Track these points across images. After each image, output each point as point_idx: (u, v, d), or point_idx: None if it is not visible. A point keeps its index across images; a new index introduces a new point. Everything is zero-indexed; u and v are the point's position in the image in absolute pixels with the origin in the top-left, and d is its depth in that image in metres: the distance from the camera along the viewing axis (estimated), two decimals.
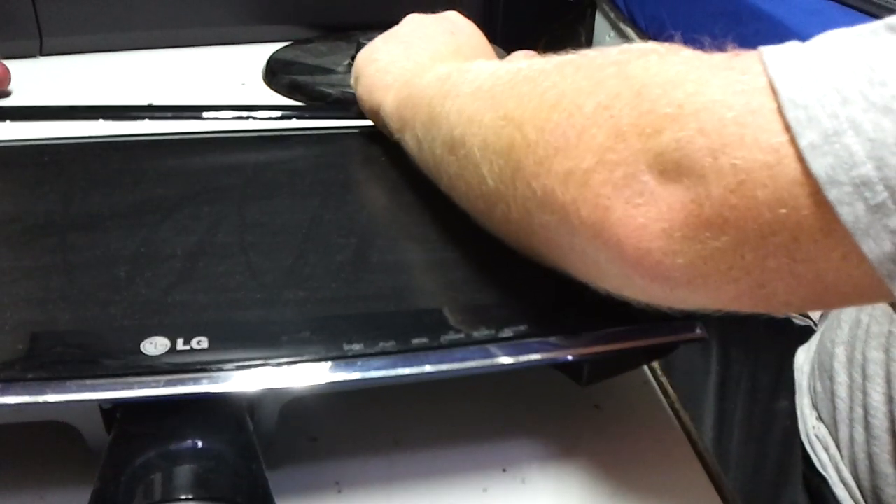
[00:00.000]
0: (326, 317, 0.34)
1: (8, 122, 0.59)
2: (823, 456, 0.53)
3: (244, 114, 0.61)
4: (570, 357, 0.34)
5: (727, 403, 0.60)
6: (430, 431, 0.39)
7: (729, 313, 0.29)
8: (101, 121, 0.58)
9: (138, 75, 0.72)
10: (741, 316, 0.29)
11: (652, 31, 1.54)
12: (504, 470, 0.37)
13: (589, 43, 1.82)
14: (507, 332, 0.33)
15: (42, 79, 0.69)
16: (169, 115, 0.60)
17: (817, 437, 0.54)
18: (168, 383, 0.30)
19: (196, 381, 0.30)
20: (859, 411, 0.49)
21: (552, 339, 0.34)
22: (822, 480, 0.52)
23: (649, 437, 0.39)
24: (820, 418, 0.54)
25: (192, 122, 0.60)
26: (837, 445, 0.52)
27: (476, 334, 0.33)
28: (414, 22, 0.50)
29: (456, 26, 0.49)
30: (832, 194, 0.23)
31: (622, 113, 0.27)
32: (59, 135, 0.49)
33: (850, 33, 0.25)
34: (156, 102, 0.63)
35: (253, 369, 0.31)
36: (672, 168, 0.26)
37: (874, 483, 0.48)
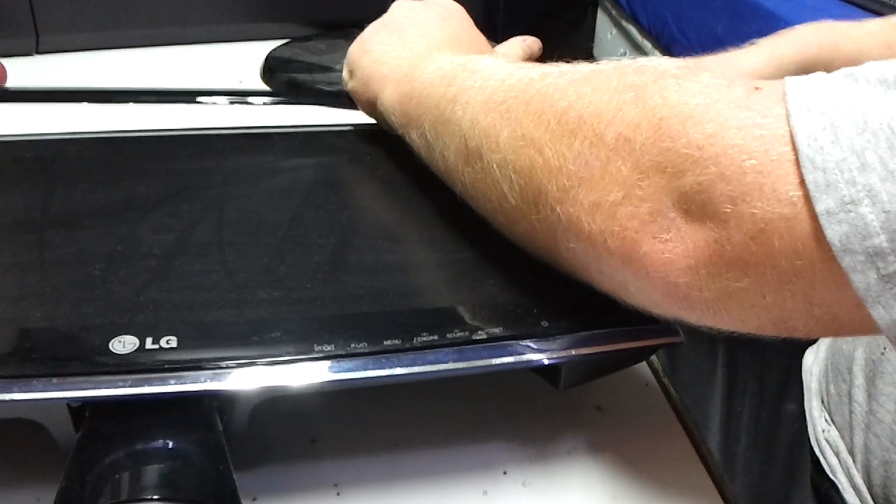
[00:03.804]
0: (299, 317, 0.34)
1: None
2: (833, 460, 0.52)
3: (232, 98, 0.60)
4: (545, 360, 0.33)
5: (734, 406, 0.59)
6: (429, 433, 0.38)
7: None
8: (84, 104, 0.57)
9: (135, 73, 0.72)
10: None
11: (654, 28, 1.53)
12: (505, 472, 0.37)
13: (590, 40, 1.82)
14: (480, 335, 0.33)
15: (38, 76, 0.69)
16: (153, 98, 0.59)
17: (827, 440, 0.53)
18: (135, 382, 0.30)
19: (163, 381, 0.30)
20: (875, 416, 0.48)
21: (527, 343, 0.33)
22: (832, 485, 0.51)
23: (652, 438, 0.39)
24: (830, 421, 0.53)
25: (179, 116, 0.59)
26: (851, 450, 0.51)
27: (449, 336, 0.33)
28: (403, 8, 0.49)
29: (447, 11, 0.48)
30: (845, 261, 0.24)
31: (644, 148, 0.28)
32: (43, 131, 0.48)
33: (875, 74, 0.25)
34: None
35: (221, 369, 0.31)
36: (696, 209, 0.27)
37: (888, 491, 0.47)
